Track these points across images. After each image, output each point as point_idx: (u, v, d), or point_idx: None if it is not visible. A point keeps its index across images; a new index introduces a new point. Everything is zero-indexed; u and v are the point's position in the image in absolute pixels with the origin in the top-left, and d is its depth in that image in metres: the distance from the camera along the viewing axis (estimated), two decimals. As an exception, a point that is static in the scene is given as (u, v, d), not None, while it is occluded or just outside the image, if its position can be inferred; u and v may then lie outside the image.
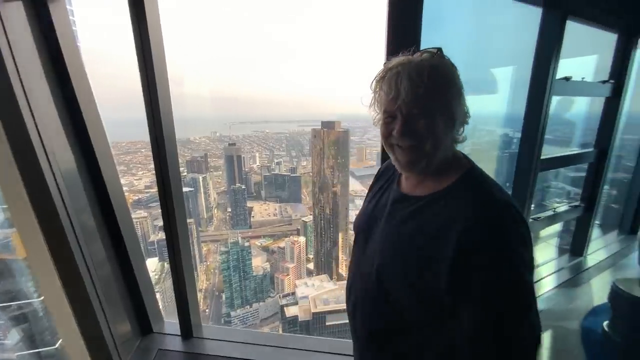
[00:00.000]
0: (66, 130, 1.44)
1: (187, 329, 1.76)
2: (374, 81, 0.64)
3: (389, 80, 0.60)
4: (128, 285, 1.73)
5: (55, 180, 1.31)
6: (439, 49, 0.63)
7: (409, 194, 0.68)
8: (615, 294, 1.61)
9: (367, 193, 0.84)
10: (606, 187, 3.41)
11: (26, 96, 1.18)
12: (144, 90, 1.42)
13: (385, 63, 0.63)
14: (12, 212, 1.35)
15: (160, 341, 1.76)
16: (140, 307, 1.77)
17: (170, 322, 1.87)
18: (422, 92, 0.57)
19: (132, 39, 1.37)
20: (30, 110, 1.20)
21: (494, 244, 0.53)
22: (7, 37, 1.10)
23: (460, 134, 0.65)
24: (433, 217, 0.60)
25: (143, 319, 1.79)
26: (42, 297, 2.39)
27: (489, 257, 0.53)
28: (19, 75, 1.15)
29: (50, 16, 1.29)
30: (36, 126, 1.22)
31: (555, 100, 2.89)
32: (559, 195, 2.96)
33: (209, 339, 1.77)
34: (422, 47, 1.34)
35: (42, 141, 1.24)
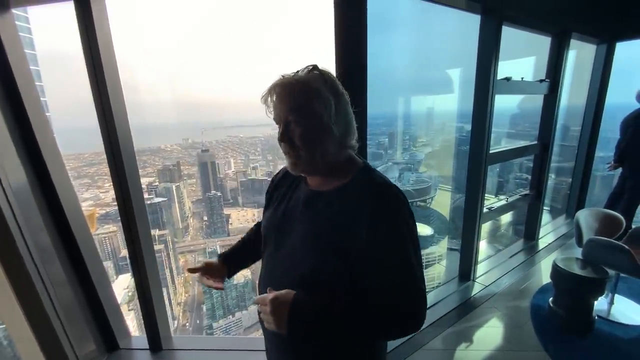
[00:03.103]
0: (16, 144, 1.39)
1: (156, 342, 1.73)
2: (261, 97, 0.73)
3: (267, 97, 0.71)
4: (91, 303, 1.68)
5: (7, 198, 1.26)
6: (314, 66, 0.72)
7: (318, 190, 0.76)
8: (556, 272, 1.79)
9: (268, 199, 0.91)
10: (554, 175, 3.74)
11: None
12: (95, 102, 1.40)
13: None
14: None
15: (127, 357, 1.71)
16: (105, 324, 1.72)
17: (138, 336, 1.83)
18: (291, 104, 0.68)
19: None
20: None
21: (388, 218, 0.67)
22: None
23: (351, 140, 0.75)
24: (343, 204, 0.71)
25: (108, 336, 1.73)
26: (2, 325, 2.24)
27: (386, 228, 0.66)
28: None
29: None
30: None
31: (518, 98, 3.14)
32: (522, 185, 3.19)
33: (179, 349, 1.75)
34: (369, 49, 1.44)
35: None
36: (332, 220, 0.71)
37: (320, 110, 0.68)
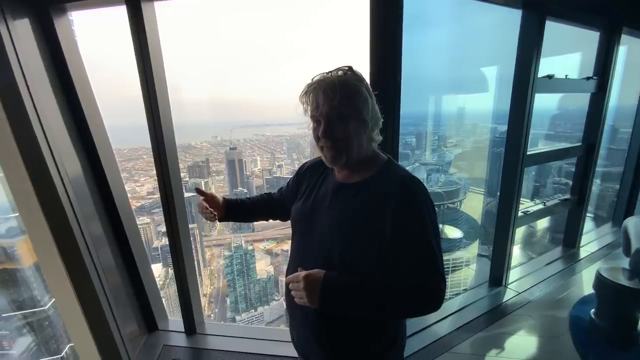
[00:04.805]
0: (72, 139, 1.52)
1: (191, 326, 1.84)
2: (300, 95, 0.79)
3: (309, 95, 0.77)
4: (134, 286, 1.82)
5: (65, 188, 1.39)
6: (350, 67, 0.77)
7: (345, 182, 0.83)
8: (600, 282, 1.68)
9: (296, 186, 0.99)
10: (600, 180, 3.49)
11: (35, 107, 1.25)
12: (144, 101, 1.50)
13: (308, 83, 0.78)
14: (25, 220, 1.42)
15: (165, 337, 1.84)
16: (146, 306, 1.86)
17: (175, 319, 1.96)
18: (335, 103, 0.73)
19: (131, 47, 1.44)
20: (39, 121, 1.27)
21: (413, 207, 0.74)
22: (15, 52, 1.18)
23: (376, 135, 0.82)
24: (371, 194, 0.77)
25: (149, 318, 1.87)
26: (52, 301, 2.47)
27: (411, 218, 0.73)
28: (28, 88, 1.23)
29: (54, 30, 1.37)
30: (45, 135, 1.29)
31: (558, 97, 2.97)
32: (561, 191, 3.01)
33: (211, 334, 1.86)
34: (407, 51, 1.43)
35: (51, 150, 1.32)
36: (359, 208, 0.78)
37: (361, 107, 0.75)
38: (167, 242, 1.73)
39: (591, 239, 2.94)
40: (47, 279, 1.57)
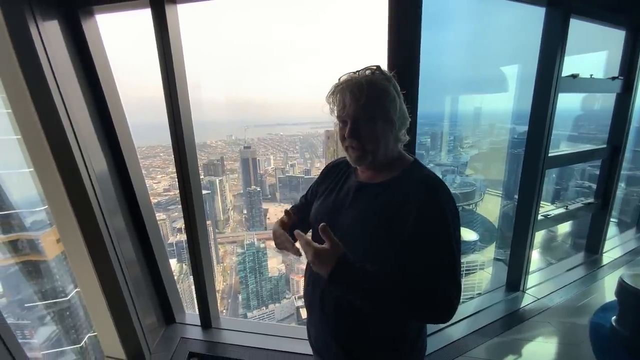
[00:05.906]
0: (99, 136, 1.58)
1: (206, 320, 1.89)
2: (327, 95, 0.79)
3: (336, 95, 0.76)
4: (153, 279, 1.88)
5: (92, 183, 1.45)
6: (378, 67, 0.77)
7: (368, 182, 0.82)
8: (622, 288, 1.62)
9: (317, 190, 0.97)
10: (624, 184, 3.34)
11: (64, 105, 1.31)
12: (166, 100, 1.54)
13: (335, 83, 0.78)
14: (53, 212, 1.49)
15: (182, 330, 1.90)
16: (164, 299, 1.92)
17: (190, 313, 2.01)
18: (362, 103, 0.73)
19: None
20: (69, 118, 1.33)
21: (437, 207, 0.72)
22: (46, 52, 1.23)
23: (403, 135, 0.81)
24: (394, 195, 0.76)
25: (167, 311, 1.93)
26: (73, 292, 2.57)
27: (433, 218, 0.72)
28: (58, 87, 1.28)
29: (82, 31, 1.43)
30: (74, 132, 1.35)
31: (580, 98, 2.86)
32: (584, 194, 2.91)
33: (226, 329, 1.90)
34: (422, 49, 1.41)
35: (79, 146, 1.37)
36: (380, 209, 0.77)
37: (388, 107, 0.75)
38: (182, 238, 1.77)
39: (615, 245, 2.83)
40: (74, 269, 1.64)
